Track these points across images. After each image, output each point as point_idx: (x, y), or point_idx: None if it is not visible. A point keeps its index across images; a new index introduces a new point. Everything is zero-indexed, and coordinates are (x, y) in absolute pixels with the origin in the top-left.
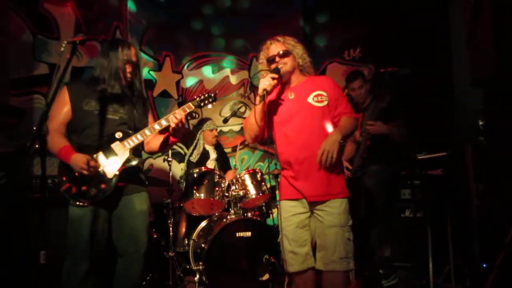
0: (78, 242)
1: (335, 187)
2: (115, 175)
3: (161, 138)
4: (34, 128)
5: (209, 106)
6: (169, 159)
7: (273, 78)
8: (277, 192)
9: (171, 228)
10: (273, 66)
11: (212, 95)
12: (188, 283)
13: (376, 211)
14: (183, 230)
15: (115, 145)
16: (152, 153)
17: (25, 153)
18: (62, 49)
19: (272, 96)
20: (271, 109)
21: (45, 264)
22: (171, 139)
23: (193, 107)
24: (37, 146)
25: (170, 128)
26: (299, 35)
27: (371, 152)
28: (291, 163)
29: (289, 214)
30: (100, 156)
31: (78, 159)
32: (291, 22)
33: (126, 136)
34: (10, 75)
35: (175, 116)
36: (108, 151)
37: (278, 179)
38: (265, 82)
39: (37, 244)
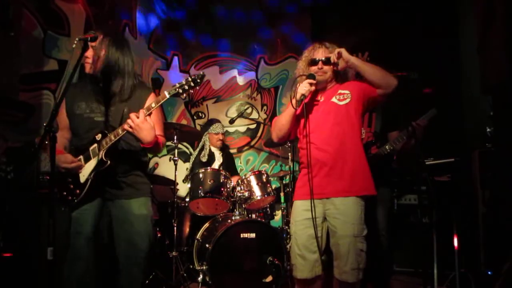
0: (77, 240)
1: (357, 184)
2: (86, 179)
3: None
4: (44, 124)
5: (191, 91)
6: (175, 158)
7: (310, 84)
8: (281, 194)
9: (175, 228)
10: (312, 68)
11: (193, 78)
12: (191, 283)
13: (387, 218)
14: (187, 229)
15: (92, 148)
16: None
17: (34, 148)
18: (73, 46)
19: (305, 100)
20: (301, 112)
21: (53, 260)
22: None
23: (167, 96)
24: (46, 142)
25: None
26: (307, 37)
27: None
28: (312, 162)
29: (302, 218)
30: (79, 160)
31: (60, 158)
32: (300, 24)
33: (104, 137)
34: (20, 71)
35: (131, 118)
36: (86, 154)
37: (283, 181)
38: (304, 87)
39: (45, 240)
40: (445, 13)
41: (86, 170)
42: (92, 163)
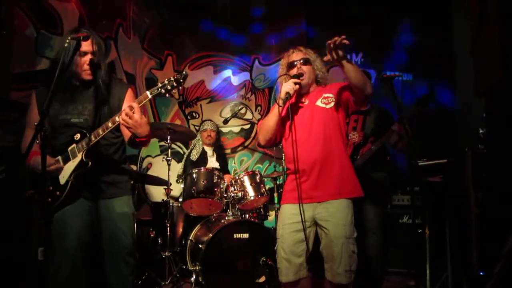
0: (61, 242)
1: (345, 187)
2: (67, 181)
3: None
4: (35, 123)
5: (174, 91)
6: (168, 158)
7: (295, 83)
8: (275, 194)
9: (168, 228)
10: (292, 71)
11: (176, 78)
12: (184, 284)
13: (379, 217)
14: (181, 230)
15: (71, 149)
16: (133, 148)
17: (26, 148)
18: (65, 45)
19: (290, 101)
20: (286, 115)
21: (43, 260)
22: (135, 138)
23: (150, 96)
24: (37, 141)
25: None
26: (301, 38)
27: (378, 158)
28: (300, 166)
29: (289, 222)
30: (58, 161)
31: (37, 160)
32: (294, 25)
33: (83, 137)
34: (12, 70)
35: (124, 111)
36: (65, 155)
37: (277, 182)
38: (288, 86)
39: (36, 240)
40: (439, 14)
41: (66, 172)
42: (72, 165)
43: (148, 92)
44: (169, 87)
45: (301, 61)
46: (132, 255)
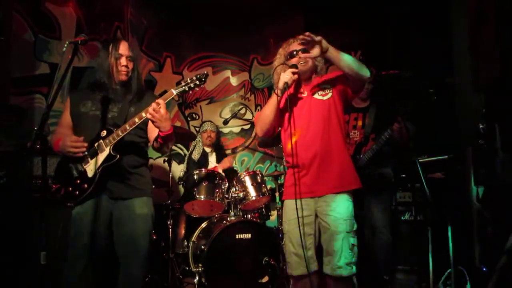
0: (78, 240)
1: (345, 179)
2: (95, 173)
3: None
4: (35, 128)
5: (196, 89)
6: (169, 160)
7: (293, 73)
8: (277, 194)
9: (170, 230)
10: (292, 61)
11: (198, 76)
12: (187, 285)
13: (386, 214)
14: (183, 231)
15: (98, 144)
16: (157, 151)
17: (26, 152)
18: (64, 49)
19: (288, 92)
20: (284, 106)
21: (45, 264)
22: (159, 133)
23: (175, 93)
24: (38, 146)
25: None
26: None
27: (381, 155)
28: (299, 159)
29: (294, 217)
30: (86, 156)
31: (64, 141)
32: (292, 24)
33: (109, 133)
34: (11, 74)
35: (151, 107)
36: (92, 150)
37: (278, 181)
38: (286, 76)
39: (38, 244)
40: (438, 12)
41: (93, 165)
42: (99, 158)
43: (173, 90)
44: (192, 85)
45: (302, 50)
46: (147, 259)
